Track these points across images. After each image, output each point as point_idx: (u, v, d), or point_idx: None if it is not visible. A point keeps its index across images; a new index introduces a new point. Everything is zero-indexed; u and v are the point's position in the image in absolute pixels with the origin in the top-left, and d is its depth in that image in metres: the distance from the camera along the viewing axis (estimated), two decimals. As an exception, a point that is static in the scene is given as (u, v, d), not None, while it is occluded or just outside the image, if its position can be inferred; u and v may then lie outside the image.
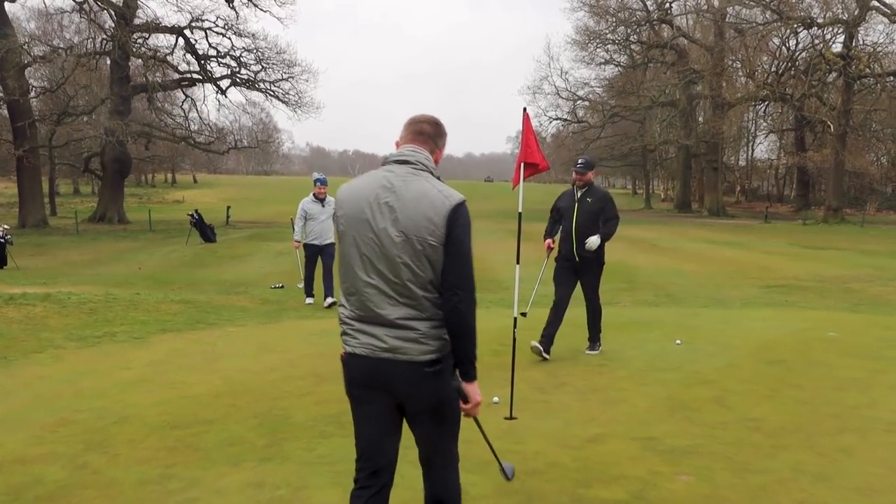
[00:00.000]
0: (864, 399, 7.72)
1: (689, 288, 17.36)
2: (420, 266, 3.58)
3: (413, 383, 3.68)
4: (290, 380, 8.36)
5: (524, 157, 7.32)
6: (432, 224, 3.55)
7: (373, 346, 3.67)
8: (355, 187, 3.75)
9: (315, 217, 14.04)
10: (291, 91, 48.75)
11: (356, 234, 3.66)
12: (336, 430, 6.66)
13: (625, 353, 9.89)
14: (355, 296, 3.70)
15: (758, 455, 6.13)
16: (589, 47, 60.83)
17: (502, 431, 6.69)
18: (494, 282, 18.68)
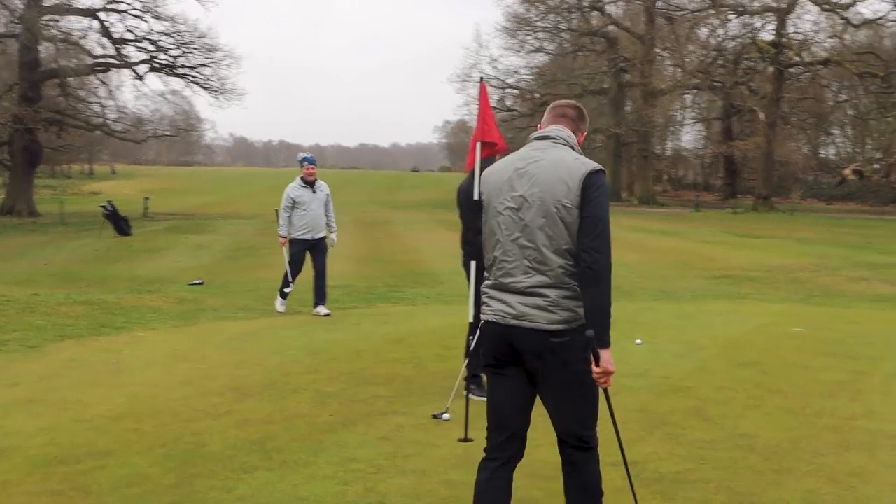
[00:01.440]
0: (858, 408, 6.92)
1: (635, 280, 16.54)
2: (555, 230, 3.59)
3: (538, 352, 3.64)
4: (205, 396, 7.21)
5: (481, 136, 6.28)
6: (566, 186, 3.58)
7: (503, 312, 3.71)
8: (499, 164, 3.92)
9: (305, 205, 11.44)
10: (213, 77, 46.93)
11: (496, 204, 3.76)
12: (260, 460, 5.57)
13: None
14: (494, 265, 3.78)
15: (760, 483, 5.22)
16: (519, 35, 59.94)
17: (457, 458, 5.68)
18: (428, 275, 17.68)
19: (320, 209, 11.57)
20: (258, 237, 27.51)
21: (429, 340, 9.62)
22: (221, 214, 42.17)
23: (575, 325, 3.62)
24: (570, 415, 3.84)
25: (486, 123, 6.26)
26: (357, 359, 8.67)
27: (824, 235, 30.25)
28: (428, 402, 7.06)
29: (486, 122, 6.27)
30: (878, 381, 7.80)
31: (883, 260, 19.94)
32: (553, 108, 4.02)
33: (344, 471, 5.38)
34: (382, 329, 10.44)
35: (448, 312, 11.90)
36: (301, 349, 9.12)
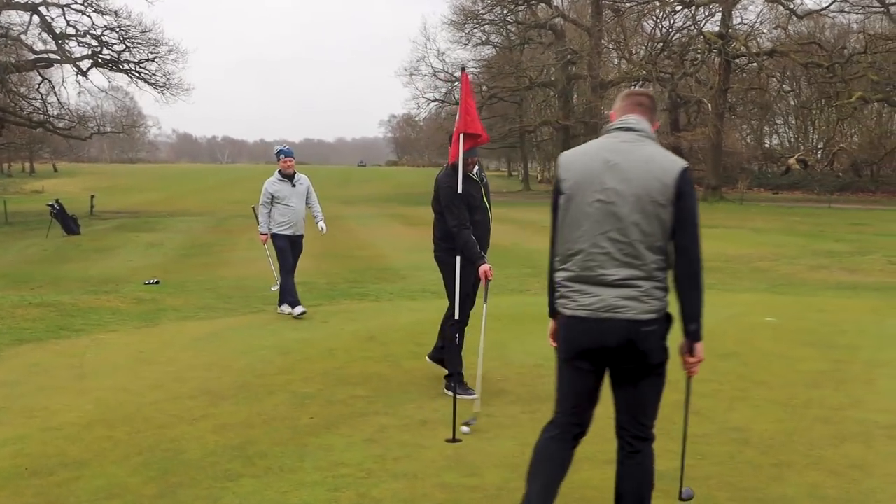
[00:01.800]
0: (845, 398, 6.88)
1: (597, 271, 16.45)
2: (649, 226, 3.65)
3: (629, 341, 3.69)
4: (178, 400, 6.95)
5: (464, 127, 6.09)
6: (662, 184, 3.64)
7: (594, 306, 3.71)
8: (582, 152, 3.89)
9: (284, 199, 10.89)
10: (158, 72, 46.10)
11: (583, 196, 3.74)
12: (243, 467, 5.34)
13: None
14: (578, 257, 3.77)
15: (762, 478, 5.12)
16: (466, 27, 59.86)
17: (448, 459, 5.50)
18: (388, 270, 17.44)
19: (301, 203, 11.09)
20: (211, 234, 27.09)
21: (401, 338, 9.42)
22: (170, 212, 41.45)
23: (662, 315, 3.75)
24: (640, 403, 3.91)
25: (468, 114, 6.08)
26: (330, 358, 8.44)
27: (777, 224, 30.53)
28: (409, 401, 6.89)
29: (469, 112, 6.09)
30: (859, 369, 7.77)
31: (838, 248, 20.14)
32: (628, 97, 4.00)
33: (333, 476, 5.18)
34: (351, 326, 10.21)
35: (415, 308, 11.72)
36: (271, 349, 8.86)
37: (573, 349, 3.87)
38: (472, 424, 6.13)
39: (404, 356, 8.48)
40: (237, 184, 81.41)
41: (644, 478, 3.95)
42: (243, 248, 22.63)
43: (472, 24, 60.11)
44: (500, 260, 19.01)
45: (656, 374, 3.86)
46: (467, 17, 59.12)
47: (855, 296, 13.05)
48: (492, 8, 59.21)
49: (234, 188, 73.13)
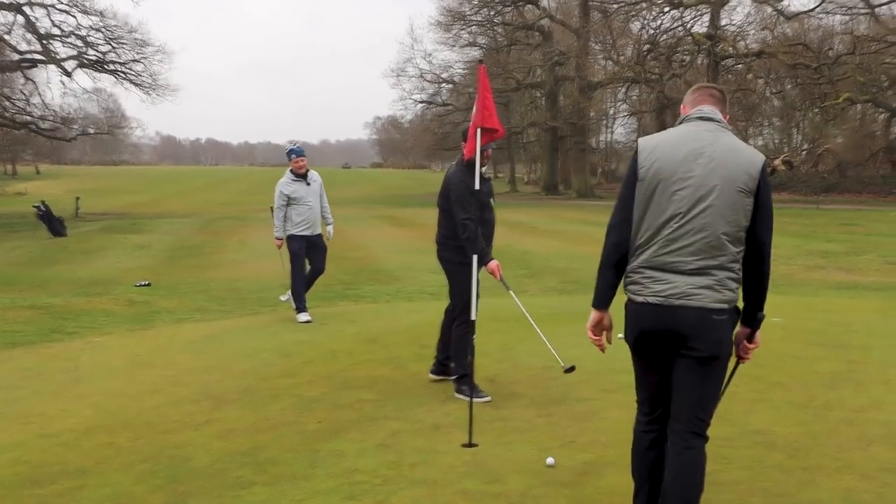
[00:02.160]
0: (865, 399, 6.70)
1: (594, 272, 16.26)
2: (734, 217, 3.66)
3: (700, 329, 3.67)
4: (179, 404, 6.74)
5: (481, 121, 5.89)
6: (748, 175, 3.67)
7: (667, 293, 3.71)
8: (663, 139, 3.86)
9: (301, 200, 10.48)
10: (144, 73, 45.75)
11: (668, 183, 3.72)
12: (254, 474, 5.13)
13: (567, 351, 8.59)
14: (657, 244, 3.74)
15: (793, 482, 4.95)
16: (453, 28, 59.69)
17: (466, 465, 5.30)
18: (383, 272, 17.23)
19: (318, 202, 10.67)
20: (199, 236, 26.80)
21: (403, 340, 9.22)
22: (156, 214, 41.13)
23: (732, 306, 3.73)
24: (700, 396, 3.83)
25: (486, 108, 5.89)
26: (333, 361, 8.23)
27: (767, 225, 30.41)
28: (419, 404, 6.69)
29: (487, 107, 5.89)
30: (875, 370, 7.61)
31: (832, 248, 20.07)
32: (699, 89, 4.04)
33: (348, 483, 4.98)
34: (351, 329, 10.00)
35: (414, 310, 11.53)
36: (271, 352, 8.65)
37: (644, 336, 3.85)
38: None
39: (409, 359, 8.28)
40: (222, 186, 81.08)
41: (695, 478, 3.82)
42: (233, 249, 22.40)
43: (460, 25, 59.98)
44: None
45: (720, 367, 3.81)
46: (454, 18, 58.99)
47: (857, 296, 12.93)
48: (479, 9, 59.10)
49: (219, 190, 72.82)
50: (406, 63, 69.09)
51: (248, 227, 31.50)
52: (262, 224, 32.90)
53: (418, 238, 24.87)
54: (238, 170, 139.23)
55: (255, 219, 36.61)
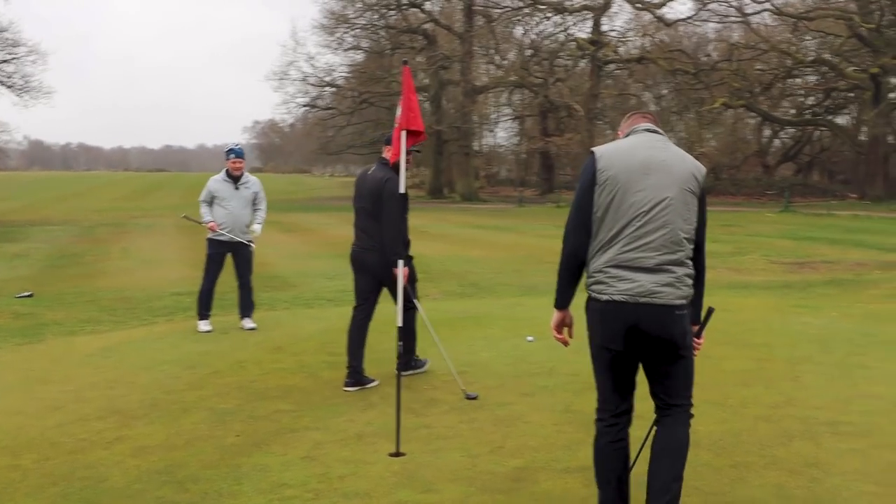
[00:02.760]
0: (777, 396, 6.91)
1: (490, 276, 16.33)
2: (687, 213, 3.96)
3: (664, 325, 3.90)
4: (84, 421, 6.40)
5: (406, 123, 5.75)
6: (695, 179, 4.02)
7: (632, 291, 3.88)
8: (618, 147, 4.11)
9: (224, 201, 10.05)
10: (16, 74, 43.84)
11: (627, 186, 3.93)
12: (176, 493, 4.89)
13: (479, 355, 8.58)
14: (619, 243, 3.93)
15: (725, 480, 5.02)
16: (336, 32, 59.17)
17: (396, 475, 5.18)
18: (277, 278, 16.83)
19: (243, 209, 10.19)
20: (79, 244, 25.78)
21: (312, 348, 9.01)
22: (29, 221, 39.39)
23: (689, 301, 4.02)
24: (679, 381, 4.12)
25: (410, 111, 5.76)
26: (241, 371, 7.97)
27: (651, 226, 31.10)
28: (337, 414, 6.53)
29: (411, 109, 5.76)
30: (782, 368, 7.79)
31: (718, 248, 20.51)
32: (634, 115, 4.39)
33: (278, 498, 4.80)
34: (254, 337, 9.73)
35: (316, 317, 11.30)
36: (174, 363, 8.32)
37: (609, 333, 4.01)
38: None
39: (320, 367, 8.09)
40: (97, 192, 78.52)
41: (680, 453, 4.09)
42: (117, 257, 21.60)
43: (343, 28, 59.49)
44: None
45: (685, 356, 4.08)
46: (338, 21, 58.47)
47: (750, 294, 13.27)
48: (363, 12, 58.75)
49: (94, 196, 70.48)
50: (289, 66, 68.22)
51: (130, 234, 30.51)
52: (144, 231, 31.96)
53: (308, 243, 24.56)
54: (113, 175, 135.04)
55: (135, 225, 35.52)
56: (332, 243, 25.54)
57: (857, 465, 5.24)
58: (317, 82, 61.57)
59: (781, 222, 31.87)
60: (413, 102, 5.79)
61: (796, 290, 13.55)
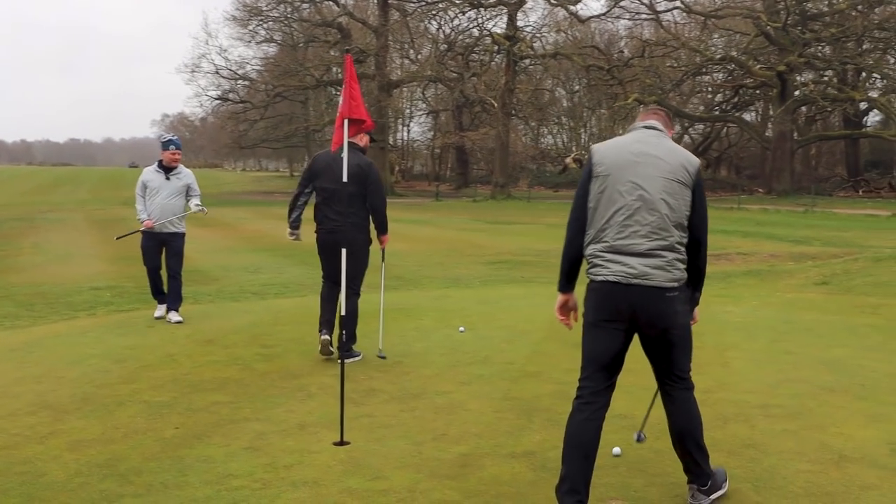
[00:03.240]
0: (709, 381, 7.01)
1: (414, 268, 16.38)
2: (675, 202, 4.22)
3: (655, 305, 4.17)
4: (15, 416, 6.21)
5: (348, 112, 5.72)
6: (686, 171, 4.28)
7: (624, 273, 4.16)
8: (614, 143, 4.45)
9: (154, 192, 10.01)
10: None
11: (618, 178, 4.25)
12: (119, 486, 4.80)
13: (413, 346, 8.60)
14: (612, 231, 4.23)
15: (668, 462, 5.11)
16: (249, 24, 58.53)
17: (343, 463, 5.16)
18: (197, 272, 16.57)
19: (173, 200, 10.10)
20: (-15, 239, 25.03)
21: (243, 340, 8.90)
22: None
23: (682, 284, 4.26)
24: (676, 358, 4.39)
25: (353, 99, 5.74)
26: (173, 364, 7.84)
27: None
28: (276, 405, 6.47)
29: (354, 97, 5.74)
30: (712, 354, 7.97)
31: (634, 241, 20.97)
32: (647, 109, 4.74)
33: (226, 489, 4.74)
34: (182, 331, 9.57)
35: (244, 310, 11.19)
36: (102, 357, 8.14)
37: (603, 312, 4.28)
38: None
39: (254, 359, 8.00)
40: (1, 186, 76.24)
41: (694, 416, 4.48)
42: (28, 252, 21.06)
43: (256, 21, 58.87)
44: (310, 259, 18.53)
45: (680, 335, 4.33)
46: (251, 13, 57.88)
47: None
48: (276, 5, 58.20)
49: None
50: (201, 59, 67.40)
51: (39, 228, 29.75)
52: (54, 225, 31.17)
53: (226, 238, 24.28)
54: (16, 169, 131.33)
55: (44, 220, 34.62)
56: (250, 238, 25.31)
57: (791, 445, 5.41)
58: (229, 75, 60.88)
59: (693, 216, 32.61)
60: (355, 91, 5.77)
61: (716, 281, 13.89)
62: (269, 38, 62.54)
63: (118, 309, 11.58)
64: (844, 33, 47.20)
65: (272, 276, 15.72)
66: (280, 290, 13.82)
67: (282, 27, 62.09)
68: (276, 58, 63.50)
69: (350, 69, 5.75)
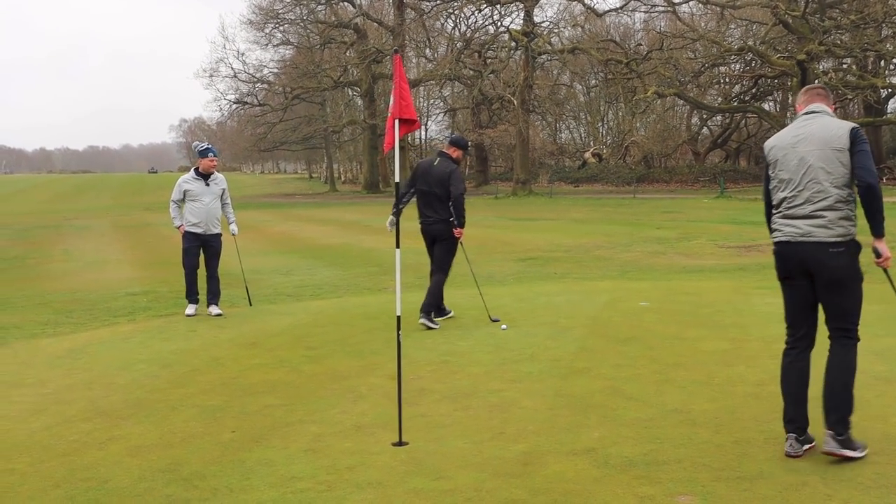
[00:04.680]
0: (761, 374, 6.97)
1: (444, 266, 16.34)
2: (833, 169, 4.94)
3: (821, 259, 4.93)
4: (71, 423, 6.26)
5: (399, 112, 5.71)
6: (838, 137, 4.97)
7: (793, 233, 5.02)
8: (782, 133, 5.32)
9: (197, 197, 10.90)
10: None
11: (785, 161, 5.13)
12: (185, 490, 4.81)
13: (457, 345, 8.59)
14: (784, 201, 5.11)
15: (731, 456, 5.08)
16: (266, 27, 58.67)
17: (405, 464, 5.15)
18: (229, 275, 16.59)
19: (214, 203, 11.02)
20: (17, 247, 25.19)
21: (286, 342, 8.93)
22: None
23: (847, 240, 4.94)
24: (840, 310, 5.02)
25: (403, 99, 5.72)
26: (220, 367, 7.87)
27: (594, 215, 31.50)
28: (329, 406, 6.48)
29: (404, 97, 5.73)
30: (759, 347, 7.92)
31: (663, 234, 20.91)
32: (808, 90, 5.37)
33: (291, 492, 4.74)
34: (225, 334, 9.61)
35: (283, 312, 11.23)
36: (149, 362, 8.18)
37: (782, 268, 5.17)
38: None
39: (300, 361, 8.02)
40: (22, 195, 76.87)
41: (846, 369, 4.99)
42: (59, 259, 21.19)
43: (273, 24, 58.99)
44: (342, 260, 18.67)
45: (850, 288, 4.97)
46: (267, 16, 57.99)
47: (706, 278, 13.50)
48: (292, 7, 58.29)
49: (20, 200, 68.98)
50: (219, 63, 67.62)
51: (67, 235, 29.93)
52: (80, 232, 31.35)
53: (254, 241, 24.29)
54: (37, 178, 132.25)
55: (70, 227, 34.85)
56: (277, 240, 25.37)
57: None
58: (247, 79, 61.01)
59: (719, 208, 32.50)
60: (405, 91, 5.75)
61: (752, 273, 13.82)
62: (286, 40, 62.71)
63: (157, 314, 11.62)
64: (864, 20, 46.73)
65: (305, 277, 15.74)
66: (314, 291, 13.83)
67: (298, 29, 62.22)
68: (292, 60, 63.63)
69: (399, 69, 5.73)
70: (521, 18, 52.83)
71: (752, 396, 6.33)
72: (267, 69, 63.91)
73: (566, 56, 51.90)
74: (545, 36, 50.68)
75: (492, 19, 56.06)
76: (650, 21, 57.66)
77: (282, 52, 65.08)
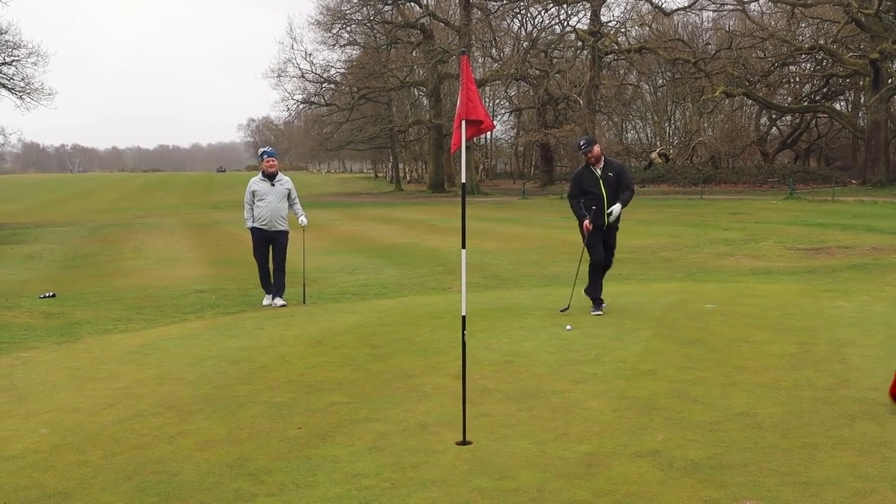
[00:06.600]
0: (830, 378, 6.88)
1: (510, 267, 16.37)
2: None
3: None
4: (142, 417, 6.40)
5: (466, 113, 5.73)
6: None
7: None
8: None
9: (262, 197, 11.92)
10: (17, 76, 43.69)
11: None
12: (252, 485, 4.90)
13: (521, 345, 8.59)
14: None
15: (797, 461, 5.01)
16: (333, 28, 59.24)
17: (469, 463, 5.19)
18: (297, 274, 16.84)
19: (279, 202, 11.96)
20: (90, 245, 25.80)
21: (352, 341, 9.02)
22: (34, 223, 39.43)
23: None
24: None
25: (470, 100, 5.74)
26: (286, 365, 7.98)
27: (660, 216, 31.16)
28: (394, 405, 6.53)
29: (471, 98, 5.74)
30: (827, 351, 7.80)
31: (731, 236, 20.62)
32: None
33: (357, 489, 4.80)
34: (291, 332, 9.74)
35: (348, 311, 11.33)
36: (218, 359, 8.34)
37: None
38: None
39: (366, 360, 8.09)
40: (95, 193, 78.57)
41: None
42: (130, 257, 21.65)
43: (340, 24, 59.49)
44: (406, 259, 18.77)
45: None
46: (334, 17, 58.50)
47: (775, 280, 13.31)
48: (359, 8, 58.71)
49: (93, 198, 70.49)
50: (286, 63, 68.47)
51: (138, 233, 30.54)
52: (151, 230, 31.96)
53: (320, 239, 24.52)
54: (108, 176, 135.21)
55: (141, 225, 35.54)
56: (343, 239, 25.58)
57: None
58: (314, 79, 61.59)
59: (788, 209, 31.94)
60: (472, 92, 5.77)
61: (821, 275, 13.59)
62: (353, 41, 63.19)
63: (225, 311, 11.82)
64: (941, 18, 45.68)
65: (370, 276, 15.86)
66: (380, 290, 13.93)
67: (365, 30, 62.63)
68: (359, 60, 64.09)
69: (467, 71, 5.75)
70: (587, 18, 52.64)
71: (821, 401, 6.23)
72: (334, 69, 64.56)
73: (633, 55, 51.53)
74: (612, 35, 50.36)
75: (558, 19, 55.96)
76: (719, 20, 56.94)
77: (349, 53, 65.70)
